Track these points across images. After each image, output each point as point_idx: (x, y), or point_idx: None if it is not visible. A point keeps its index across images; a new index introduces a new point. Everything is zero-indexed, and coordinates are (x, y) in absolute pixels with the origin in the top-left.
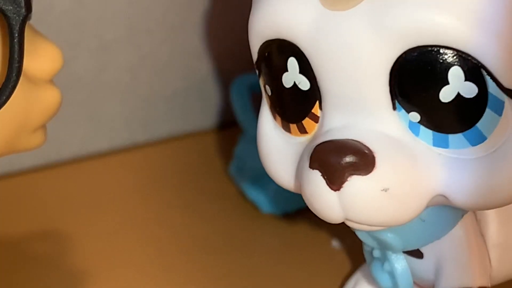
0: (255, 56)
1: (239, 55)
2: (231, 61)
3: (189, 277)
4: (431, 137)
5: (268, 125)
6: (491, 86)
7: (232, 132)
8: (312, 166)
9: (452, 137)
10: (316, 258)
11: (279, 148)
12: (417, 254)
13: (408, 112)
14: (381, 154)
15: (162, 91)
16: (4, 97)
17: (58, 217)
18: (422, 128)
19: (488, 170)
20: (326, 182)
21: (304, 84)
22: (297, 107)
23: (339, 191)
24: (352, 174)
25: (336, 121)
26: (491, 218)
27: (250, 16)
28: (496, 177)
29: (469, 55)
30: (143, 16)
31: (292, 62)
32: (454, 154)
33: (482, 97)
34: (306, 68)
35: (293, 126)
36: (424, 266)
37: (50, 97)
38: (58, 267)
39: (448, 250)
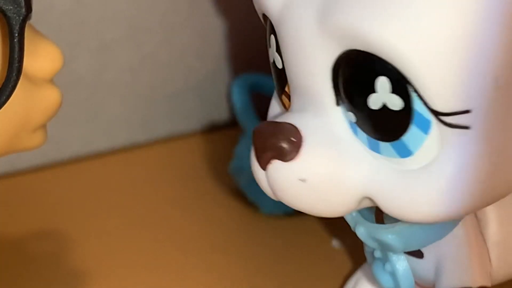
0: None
1: (240, 55)
2: (231, 61)
3: (189, 277)
4: (366, 140)
5: (273, 108)
6: (417, 104)
7: (232, 132)
8: (252, 143)
9: (382, 145)
10: (316, 258)
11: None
12: (417, 254)
13: (347, 111)
14: (309, 144)
15: (162, 91)
16: (4, 97)
17: (58, 217)
18: (358, 129)
19: (414, 184)
20: (256, 160)
21: (278, 62)
22: (278, 83)
23: (266, 172)
24: (275, 158)
25: (296, 104)
26: (492, 217)
27: None
28: (422, 193)
29: (396, 68)
30: (144, 16)
31: (272, 40)
32: (387, 161)
33: (408, 112)
34: (279, 47)
35: (280, 101)
36: (424, 266)
37: (50, 97)
38: (58, 267)
39: (448, 249)
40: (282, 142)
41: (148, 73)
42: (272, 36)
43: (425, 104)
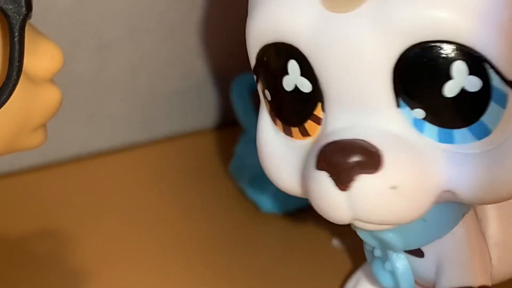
0: (253, 62)
1: (240, 54)
2: (231, 60)
3: (189, 276)
4: (436, 133)
5: (268, 130)
6: (494, 79)
7: (232, 132)
8: (319, 167)
9: (457, 132)
10: (317, 258)
11: (280, 153)
12: (418, 253)
13: (412, 109)
14: (387, 152)
15: (162, 90)
16: (5, 96)
17: (58, 216)
18: (427, 124)
19: (494, 164)
20: (334, 182)
21: (305, 86)
22: (298, 110)
23: (348, 191)
24: (360, 173)
25: (340, 122)
26: (492, 217)
27: (248, 21)
28: (502, 171)
29: (471, 49)
30: (143, 15)
31: (293, 65)
32: (460, 149)
33: (486, 90)
34: (307, 70)
35: (295, 130)
36: (425, 265)
37: (50, 96)
38: (58, 267)
39: (449, 249)
40: (364, 155)
41: (148, 72)
42: (293, 62)
43: (503, 78)
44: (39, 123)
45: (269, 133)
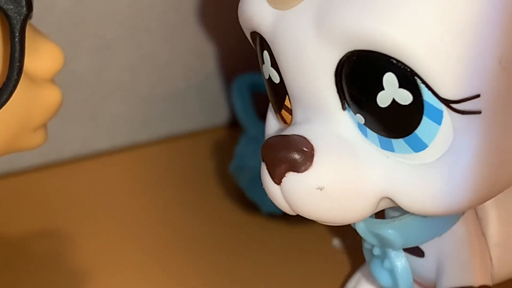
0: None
1: (240, 54)
2: (232, 60)
3: (189, 276)
4: (377, 139)
5: (272, 116)
6: (427, 95)
7: (232, 132)
8: (262, 159)
9: (395, 142)
10: (317, 258)
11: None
12: (418, 252)
13: (355, 113)
14: (321, 152)
15: (162, 90)
16: (5, 96)
17: (58, 216)
18: (368, 130)
19: (432, 177)
20: (269, 175)
21: (275, 77)
22: (275, 99)
23: (280, 186)
24: (289, 171)
25: (298, 116)
26: (492, 216)
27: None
28: (440, 185)
29: (400, 62)
30: (144, 15)
31: (266, 55)
32: (401, 158)
33: (418, 105)
34: (275, 62)
35: (278, 116)
36: (425, 265)
37: (51, 96)
38: (58, 267)
39: (449, 248)
40: (295, 154)
41: (148, 72)
42: (266, 52)
43: (435, 94)
44: (39, 123)
45: (270, 117)
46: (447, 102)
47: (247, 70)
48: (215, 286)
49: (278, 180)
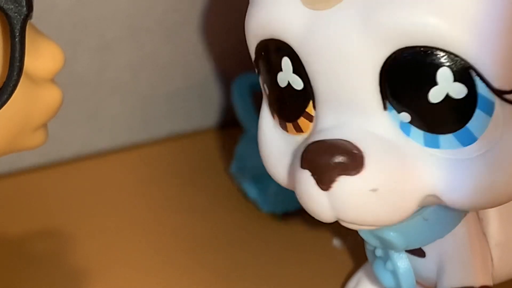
0: (253, 55)
1: (240, 54)
2: (232, 60)
3: (189, 276)
4: (422, 137)
5: (268, 123)
6: (481, 87)
7: (233, 132)
8: (303, 166)
9: (443, 138)
10: (317, 258)
11: (278, 147)
12: (419, 253)
13: (399, 112)
14: (370, 154)
15: (163, 90)
16: (6, 96)
17: (58, 216)
18: (413, 128)
19: (479, 171)
20: (316, 182)
21: (297, 83)
22: (292, 106)
23: (329, 191)
24: (341, 174)
25: (329, 121)
26: (493, 217)
27: (246, 16)
28: (488, 178)
29: (457, 56)
30: (144, 15)
31: (286, 62)
32: (446, 154)
33: (472, 97)
34: (299, 68)
35: (289, 125)
36: (426, 265)
37: (51, 96)
38: (59, 267)
39: (450, 249)
40: (346, 157)
41: (149, 72)
42: (286, 59)
43: (489, 85)
44: (39, 123)
45: (269, 127)
46: (500, 93)
47: (247, 70)
48: (215, 286)
49: (327, 186)
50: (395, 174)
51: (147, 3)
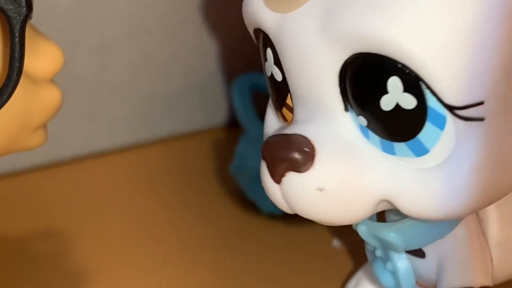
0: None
1: (241, 54)
2: (232, 60)
3: (189, 276)
4: (379, 142)
5: (272, 118)
6: (431, 100)
7: (233, 132)
8: (262, 157)
9: (396, 145)
10: (317, 258)
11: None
12: (419, 253)
13: (358, 115)
14: (322, 153)
15: (163, 91)
16: (5, 97)
17: (58, 217)
18: (370, 133)
19: (432, 181)
20: (269, 174)
21: (277, 75)
22: (277, 96)
23: (280, 185)
24: (290, 170)
25: (300, 115)
26: (493, 217)
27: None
28: (440, 190)
29: (406, 67)
30: (144, 15)
31: (269, 53)
32: (402, 161)
33: (422, 110)
34: (279, 60)
35: (279, 114)
36: (426, 266)
37: (51, 96)
38: (59, 267)
39: (450, 249)
40: (296, 153)
41: (149, 72)
42: (269, 50)
43: (439, 100)
44: (39, 123)
45: (273, 121)
46: (451, 108)
47: (248, 70)
48: (215, 286)
49: (278, 179)
50: (346, 176)
51: (147, 3)
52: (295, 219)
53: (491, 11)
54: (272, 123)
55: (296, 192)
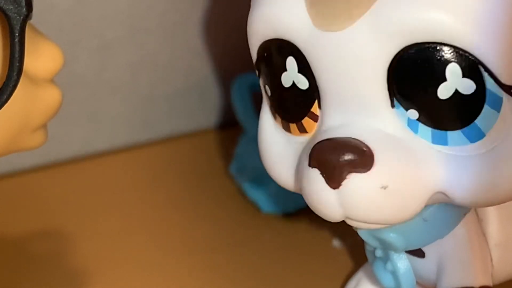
0: (254, 56)
1: (240, 54)
2: (232, 60)
3: (189, 276)
4: (430, 134)
5: (269, 126)
6: (489, 83)
7: (232, 132)
8: (311, 165)
9: (451, 134)
10: (317, 258)
11: (279, 149)
12: (419, 253)
13: (407, 109)
14: (379, 151)
15: (162, 91)
16: (5, 97)
17: (58, 217)
18: (421, 125)
19: (487, 167)
20: (325, 180)
21: (303, 83)
22: (296, 107)
23: (338, 189)
24: (351, 172)
25: (335, 120)
26: (493, 217)
27: (249, 16)
28: (496, 174)
29: (466, 52)
30: (144, 15)
31: (291, 62)
32: (454, 151)
33: (480, 93)
34: (304, 68)
35: (293, 126)
36: (426, 266)
37: (50, 96)
38: (59, 267)
39: (450, 249)
40: (357, 154)
41: (148, 72)
42: (291, 58)
43: (497, 81)
44: (39, 123)
45: (269, 129)
46: (508, 88)
47: (248, 70)
48: (215, 286)
49: (338, 184)
50: (405, 171)
51: (147, 3)
52: (295, 219)
53: None
54: (278, 141)
55: (359, 193)
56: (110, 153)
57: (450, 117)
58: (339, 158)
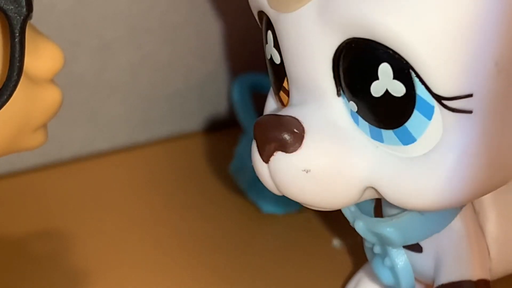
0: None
1: (240, 54)
2: (232, 60)
3: (189, 276)
4: (368, 129)
5: (271, 98)
6: (420, 89)
7: (233, 132)
8: (253, 137)
9: (384, 133)
10: (317, 258)
11: None
12: (416, 248)
13: (349, 101)
14: (311, 135)
15: (163, 91)
16: (5, 97)
17: (58, 217)
18: (360, 119)
19: (416, 172)
20: (259, 153)
21: (276, 58)
22: (275, 79)
23: (268, 164)
24: (278, 150)
25: (295, 98)
26: (490, 212)
27: None
28: (422, 182)
29: (397, 54)
30: (144, 15)
31: (269, 35)
32: (389, 149)
33: (410, 98)
34: (277, 43)
35: (277, 98)
36: (423, 260)
37: (51, 96)
38: (59, 267)
39: (447, 243)
40: (285, 134)
41: (148, 73)
42: (269, 32)
43: (428, 89)
44: (39, 123)
45: (270, 99)
46: (439, 98)
47: (248, 70)
48: (215, 286)
49: (266, 159)
50: (333, 160)
51: (147, 3)
52: (295, 219)
53: (486, 6)
54: (270, 106)
55: (282, 172)
56: (110, 153)
57: (383, 115)
58: (268, 134)
